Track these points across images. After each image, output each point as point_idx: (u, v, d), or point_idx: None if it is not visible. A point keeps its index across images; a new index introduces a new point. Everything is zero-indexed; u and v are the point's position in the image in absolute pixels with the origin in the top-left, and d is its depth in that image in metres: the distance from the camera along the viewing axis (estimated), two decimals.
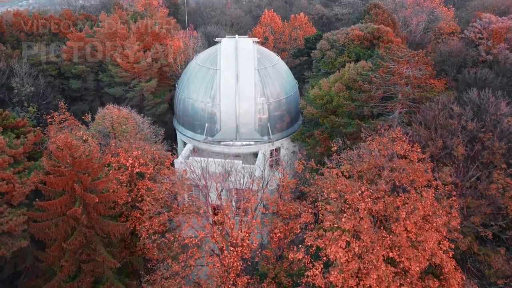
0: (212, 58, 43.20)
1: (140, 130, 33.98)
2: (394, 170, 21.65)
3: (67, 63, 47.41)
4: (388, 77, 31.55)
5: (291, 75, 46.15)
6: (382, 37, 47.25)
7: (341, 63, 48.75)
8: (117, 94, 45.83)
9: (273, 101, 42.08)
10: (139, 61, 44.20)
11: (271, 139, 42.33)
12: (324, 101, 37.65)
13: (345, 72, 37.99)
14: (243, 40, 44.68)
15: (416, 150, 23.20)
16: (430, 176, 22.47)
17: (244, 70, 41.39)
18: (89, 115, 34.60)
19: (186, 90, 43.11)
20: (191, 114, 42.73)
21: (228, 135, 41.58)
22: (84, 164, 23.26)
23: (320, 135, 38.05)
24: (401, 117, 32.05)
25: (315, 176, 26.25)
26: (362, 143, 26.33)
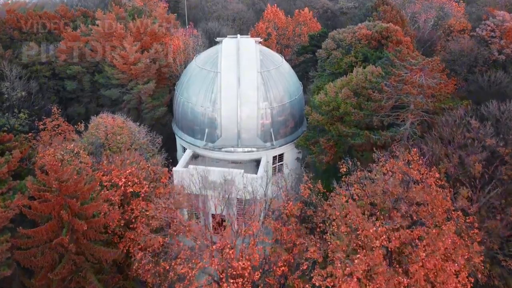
0: (212, 59, 40.86)
1: (136, 140, 31.87)
2: (411, 202, 19.56)
3: (62, 64, 45.11)
4: (400, 86, 29.25)
5: (295, 77, 43.81)
6: (391, 37, 44.76)
7: (348, 63, 46.39)
8: (113, 96, 43.63)
9: (277, 106, 39.84)
10: (137, 63, 41.91)
11: (274, 145, 40.20)
12: (330, 107, 35.39)
13: (352, 77, 35.66)
14: (245, 40, 42.28)
15: (434, 176, 21.05)
16: (449, 204, 20.36)
17: (246, 73, 39.07)
18: (82, 124, 32.48)
19: (185, 93, 40.88)
20: (190, 118, 40.57)
21: (229, 141, 39.46)
22: (72, 188, 21.23)
23: (326, 143, 35.87)
24: (413, 127, 29.81)
25: (322, 201, 24.15)
26: (374, 165, 24.17)
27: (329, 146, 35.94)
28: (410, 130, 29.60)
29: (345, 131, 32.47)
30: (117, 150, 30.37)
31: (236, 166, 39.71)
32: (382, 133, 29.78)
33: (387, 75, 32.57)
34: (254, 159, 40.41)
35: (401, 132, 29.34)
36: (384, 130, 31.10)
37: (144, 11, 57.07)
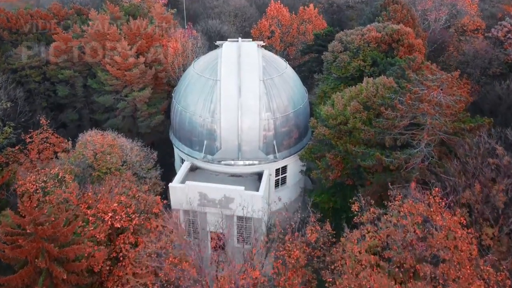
0: (212, 66, 37.93)
1: (128, 159, 29.28)
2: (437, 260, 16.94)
3: (53, 67, 42.34)
4: (416, 105, 26.37)
5: (299, 83, 40.85)
6: (402, 40, 41.62)
7: (356, 67, 43.37)
8: (107, 103, 40.89)
9: (280, 116, 37.01)
10: (131, 68, 39.04)
11: (277, 158, 37.51)
12: (338, 121, 32.57)
13: (362, 88, 32.75)
14: (246, 44, 39.27)
15: (458, 220, 18.38)
16: (475, 252, 17.74)
17: (247, 82, 36.19)
18: (70, 142, 29.87)
19: (183, 102, 38.08)
20: (188, 129, 37.84)
21: (229, 154, 36.79)
22: (50, 231, 18.69)
23: (333, 158, 33.12)
24: (430, 149, 26.99)
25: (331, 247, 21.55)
26: (390, 203, 21.47)
27: (336, 162, 33.20)
28: (426, 151, 26.80)
29: (354, 150, 29.68)
30: (107, 171, 27.77)
31: (236, 180, 37.15)
32: (395, 155, 26.99)
33: (400, 89, 29.64)
34: (256, 172, 37.79)
35: (416, 154, 26.54)
36: (397, 149, 28.29)
37: (142, 7, 53.96)
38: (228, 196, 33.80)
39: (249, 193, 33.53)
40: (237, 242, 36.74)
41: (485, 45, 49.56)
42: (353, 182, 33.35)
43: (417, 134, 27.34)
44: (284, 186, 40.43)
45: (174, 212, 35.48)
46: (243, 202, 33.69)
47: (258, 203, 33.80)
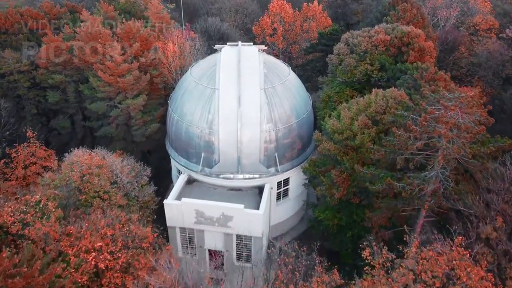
0: (210, 73, 35.29)
1: (118, 180, 26.93)
2: None
3: (42, 72, 39.76)
4: (431, 126, 23.79)
5: (303, 90, 38.19)
6: (413, 44, 38.81)
7: (362, 72, 40.69)
8: (100, 110, 38.35)
9: (282, 128, 34.48)
10: (124, 74, 36.42)
11: (278, 171, 35.10)
12: (344, 136, 30.04)
13: (371, 101, 30.11)
14: (247, 50, 36.51)
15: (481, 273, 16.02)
16: None
17: (247, 91, 33.59)
18: (56, 161, 27.49)
19: (179, 111, 35.56)
20: (184, 139, 35.39)
21: (228, 167, 34.39)
22: (22, 283, 16.43)
23: (338, 175, 30.68)
24: (445, 174, 24.49)
25: None
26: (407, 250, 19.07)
27: (341, 179, 30.74)
28: (442, 177, 24.31)
29: (362, 172, 27.19)
30: (95, 195, 25.44)
31: (235, 194, 34.85)
32: (407, 180, 24.49)
33: (413, 105, 27.00)
34: (256, 186, 35.44)
35: (430, 180, 24.06)
36: (409, 171, 25.76)
37: (139, 3, 51.07)
38: (226, 214, 31.54)
39: (249, 212, 31.27)
40: (236, 260, 34.62)
41: (498, 46, 46.67)
42: (360, 201, 30.99)
43: (432, 155, 24.82)
44: (286, 199, 38.14)
45: (169, 232, 33.52)
46: (242, 221, 31.55)
47: (258, 222, 31.56)
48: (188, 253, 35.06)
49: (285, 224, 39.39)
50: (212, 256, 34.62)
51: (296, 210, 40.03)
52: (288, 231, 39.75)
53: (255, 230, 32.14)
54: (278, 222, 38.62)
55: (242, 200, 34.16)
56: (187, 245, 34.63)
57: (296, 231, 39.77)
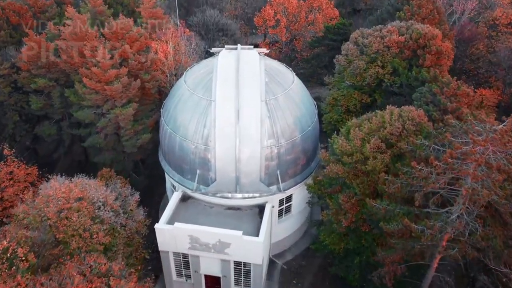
0: (206, 82, 31.59)
1: (101, 213, 23.76)
2: None
3: (25, 75, 36.10)
4: (457, 164, 20.33)
5: (308, 99, 34.42)
6: (429, 47, 34.89)
7: (373, 75, 37.02)
8: (87, 119, 34.85)
9: (285, 143, 31.02)
10: (112, 81, 32.76)
11: (280, 189, 31.86)
12: (354, 159, 26.64)
13: (385, 121, 26.48)
14: (246, 55, 32.69)
15: None
16: None
17: (247, 104, 30.00)
18: (30, 192, 24.26)
19: (172, 122, 32.09)
20: (178, 154, 32.04)
21: (225, 186, 31.16)
22: None
23: (347, 201, 27.43)
24: (472, 217, 21.18)
25: None
26: None
27: (350, 204, 27.53)
28: (469, 219, 20.99)
29: (375, 206, 23.88)
30: (74, 233, 22.32)
31: (234, 214, 31.77)
32: (428, 223, 21.19)
33: (435, 132, 23.43)
34: (256, 205, 32.30)
35: (454, 225, 20.76)
36: (428, 207, 22.45)
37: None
38: (223, 241, 28.52)
39: (248, 240, 28.19)
40: (234, 285, 31.84)
41: None
42: (370, 229, 27.81)
43: (456, 190, 21.43)
44: (289, 215, 35.08)
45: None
46: (241, 248, 28.56)
47: (258, 249, 28.56)
48: (182, 277, 32.28)
49: (287, 241, 36.45)
50: (208, 282, 31.84)
51: (299, 226, 37.01)
52: (290, 247, 36.85)
53: (254, 257, 29.20)
54: (280, 239, 35.68)
55: (241, 221, 31.17)
56: (181, 269, 31.80)
57: (298, 248, 36.86)
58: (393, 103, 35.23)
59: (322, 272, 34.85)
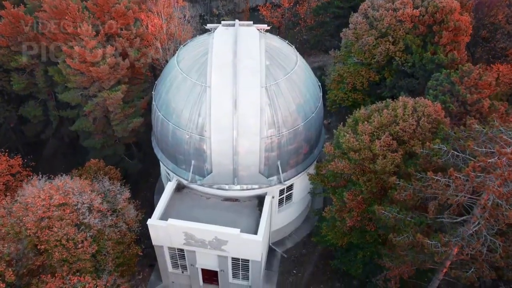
0: (200, 64, 28.52)
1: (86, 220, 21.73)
2: None
3: (4, 52, 32.89)
4: (480, 178, 17.95)
5: (312, 81, 31.35)
6: (447, 22, 31.39)
7: (383, 52, 33.84)
8: (73, 101, 32.10)
9: (287, 132, 28.48)
10: (98, 62, 29.71)
11: (281, 180, 29.69)
12: (361, 156, 24.24)
13: (397, 114, 23.74)
14: (245, 33, 29.38)
15: None
16: None
17: (245, 91, 27.14)
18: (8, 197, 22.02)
19: (165, 108, 29.39)
20: (171, 143, 29.62)
21: (222, 178, 28.99)
22: None
23: (352, 199, 25.36)
24: (491, 231, 19.10)
25: None
26: None
27: (356, 203, 25.48)
28: (488, 235, 18.92)
29: (384, 214, 21.76)
30: (56, 243, 20.40)
31: (231, 206, 29.89)
32: (442, 238, 19.12)
33: (454, 136, 20.81)
34: (255, 195, 30.30)
35: (472, 243, 18.71)
36: (443, 218, 20.36)
37: None
38: (220, 238, 26.76)
39: (246, 238, 26.39)
40: (232, 278, 30.51)
41: None
42: (376, 228, 25.88)
43: (475, 199, 19.24)
44: (290, 203, 33.18)
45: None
46: (238, 245, 26.86)
47: (257, 247, 26.86)
48: (178, 268, 30.92)
49: (288, 228, 34.85)
50: (205, 274, 30.51)
51: (300, 212, 35.25)
52: (291, 234, 35.30)
53: (253, 254, 27.58)
54: (280, 227, 34.06)
55: (239, 214, 29.31)
56: (177, 261, 30.34)
57: (299, 235, 35.32)
58: (405, 87, 32.49)
59: (323, 261, 33.50)
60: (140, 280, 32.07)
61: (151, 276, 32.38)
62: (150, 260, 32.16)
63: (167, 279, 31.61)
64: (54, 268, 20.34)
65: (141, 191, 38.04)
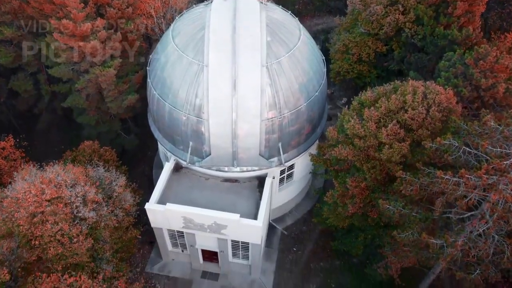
0: (197, 40, 26.67)
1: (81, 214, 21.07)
2: None
3: None
4: (493, 181, 16.97)
5: (315, 57, 29.41)
6: None
7: (392, 23, 31.83)
8: (64, 76, 30.53)
9: (288, 114, 27.16)
10: (88, 36, 27.87)
11: (282, 162, 28.77)
12: (367, 144, 23.18)
13: (406, 101, 22.31)
14: (245, 5, 27.23)
15: None
16: None
17: (245, 70, 25.50)
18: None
19: (160, 87, 27.89)
20: (168, 124, 28.40)
21: (221, 161, 28.06)
22: None
23: (354, 186, 24.58)
24: (500, 233, 18.43)
25: None
26: None
27: (359, 190, 24.73)
28: (497, 237, 18.24)
29: (388, 209, 21.00)
30: (50, 239, 19.85)
31: (231, 187, 29.25)
32: (448, 238, 18.45)
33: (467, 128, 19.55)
34: (256, 177, 29.54)
35: (479, 245, 18.07)
36: (449, 214, 19.64)
37: None
38: (219, 223, 26.30)
39: (246, 222, 25.90)
40: (232, 257, 30.46)
41: None
42: (379, 213, 25.28)
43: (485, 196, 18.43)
44: (290, 181, 32.49)
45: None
46: (238, 229, 26.47)
47: (257, 231, 26.46)
48: (178, 247, 30.81)
49: (288, 205, 34.46)
50: (206, 253, 30.42)
51: (301, 189, 34.68)
52: (291, 210, 34.94)
53: (253, 238, 27.26)
54: (281, 205, 33.63)
55: (239, 195, 28.72)
56: (176, 242, 30.16)
57: (299, 212, 34.99)
58: (414, 64, 30.73)
59: (323, 239, 33.35)
60: (140, 257, 32.08)
61: (151, 254, 32.35)
62: (150, 237, 31.94)
63: (167, 257, 31.59)
64: (50, 263, 19.90)
65: (139, 166, 37.29)
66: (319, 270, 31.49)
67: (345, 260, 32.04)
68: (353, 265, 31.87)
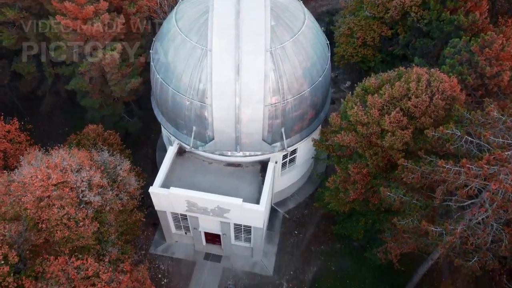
0: (200, 24, 26.55)
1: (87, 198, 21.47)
2: None
3: None
4: (493, 171, 17.16)
5: (320, 41, 29.28)
6: None
7: (398, 7, 31.50)
8: (67, 59, 30.54)
9: (292, 99, 27.23)
10: (91, 18, 27.76)
11: (284, 147, 28.98)
12: (369, 131, 23.31)
13: (410, 88, 22.31)
14: None
15: None
16: None
17: (249, 55, 25.44)
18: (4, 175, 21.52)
19: (164, 71, 27.90)
20: (171, 108, 28.54)
21: (224, 145, 28.29)
22: None
23: (357, 172, 24.85)
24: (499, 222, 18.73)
25: None
26: None
27: (361, 176, 25.00)
28: (496, 225, 18.57)
29: (389, 196, 21.30)
30: (57, 223, 20.31)
31: (234, 171, 29.60)
32: (447, 226, 18.80)
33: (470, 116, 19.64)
34: (258, 161, 29.83)
35: (479, 233, 18.40)
36: (450, 201, 19.93)
37: None
38: (222, 207, 26.74)
39: (249, 207, 26.33)
40: (234, 240, 31.06)
41: None
42: (380, 199, 25.61)
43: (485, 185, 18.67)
44: (293, 166, 32.79)
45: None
46: (241, 213, 26.92)
47: (260, 216, 26.91)
48: (181, 229, 31.39)
49: (290, 188, 34.86)
50: (208, 235, 31.00)
51: (303, 173, 35.00)
52: (293, 194, 35.37)
53: (255, 222, 27.75)
54: (283, 189, 34.03)
55: (242, 180, 29.09)
56: (180, 224, 30.71)
57: (301, 195, 35.43)
58: (419, 49, 30.52)
59: (324, 222, 33.85)
60: (144, 239, 32.71)
61: (155, 236, 32.98)
62: (154, 219, 32.45)
63: (171, 239, 32.21)
64: (58, 246, 20.41)
65: (143, 148, 37.61)
66: (319, 253, 32.05)
67: (346, 244, 32.55)
68: (354, 249, 32.41)
